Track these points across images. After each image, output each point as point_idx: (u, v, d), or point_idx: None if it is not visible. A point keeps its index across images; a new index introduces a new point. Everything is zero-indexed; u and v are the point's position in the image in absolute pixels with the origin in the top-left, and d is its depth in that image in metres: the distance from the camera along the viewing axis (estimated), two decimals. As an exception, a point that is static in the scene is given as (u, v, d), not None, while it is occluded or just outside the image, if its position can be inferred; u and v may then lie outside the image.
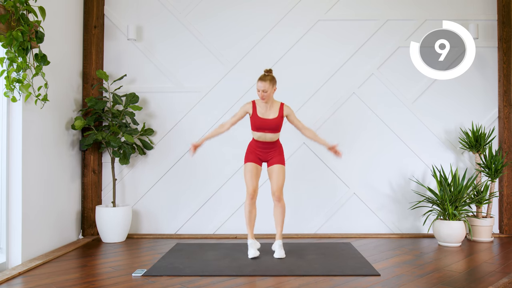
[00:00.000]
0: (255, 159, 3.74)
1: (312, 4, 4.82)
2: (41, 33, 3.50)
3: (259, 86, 3.60)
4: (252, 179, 3.69)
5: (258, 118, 3.66)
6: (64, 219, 4.22)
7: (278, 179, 3.69)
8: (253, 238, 3.72)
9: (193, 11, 4.82)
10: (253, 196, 3.68)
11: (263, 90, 3.58)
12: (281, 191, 3.69)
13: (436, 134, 4.77)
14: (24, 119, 3.50)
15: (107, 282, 2.99)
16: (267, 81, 3.59)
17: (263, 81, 3.59)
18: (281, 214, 3.71)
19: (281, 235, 3.74)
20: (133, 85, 4.78)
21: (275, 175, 3.71)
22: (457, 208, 4.21)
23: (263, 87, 3.58)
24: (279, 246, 3.68)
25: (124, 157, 4.45)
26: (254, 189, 3.68)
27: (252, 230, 3.73)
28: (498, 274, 3.13)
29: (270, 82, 3.60)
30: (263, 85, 3.58)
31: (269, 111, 3.68)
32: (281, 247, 3.68)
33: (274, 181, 3.70)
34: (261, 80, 3.60)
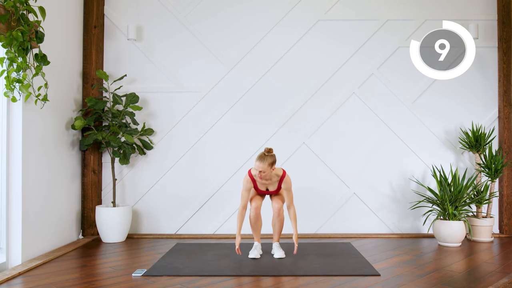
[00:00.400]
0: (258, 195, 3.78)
1: (312, 4, 4.82)
2: (41, 33, 3.50)
3: (257, 166, 3.45)
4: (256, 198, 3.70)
5: (259, 190, 3.68)
6: (64, 219, 4.22)
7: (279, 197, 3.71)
8: (259, 242, 3.73)
9: (193, 11, 4.82)
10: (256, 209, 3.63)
11: (260, 171, 3.44)
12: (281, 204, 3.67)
13: (436, 134, 4.77)
14: (24, 119, 3.50)
15: (107, 282, 2.99)
16: (266, 163, 3.42)
17: (261, 162, 3.42)
18: (280, 226, 3.70)
19: (279, 239, 3.74)
20: (133, 85, 4.77)
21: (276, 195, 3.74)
22: (457, 208, 4.21)
23: (261, 168, 3.43)
24: (278, 247, 3.69)
25: (124, 157, 4.45)
26: (257, 205, 3.65)
27: (258, 235, 3.72)
28: (498, 274, 3.13)
29: (269, 165, 3.43)
30: (261, 167, 3.43)
31: (268, 184, 3.64)
32: (279, 248, 3.69)
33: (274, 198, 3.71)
34: (260, 161, 3.43)
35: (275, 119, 4.77)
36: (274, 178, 3.60)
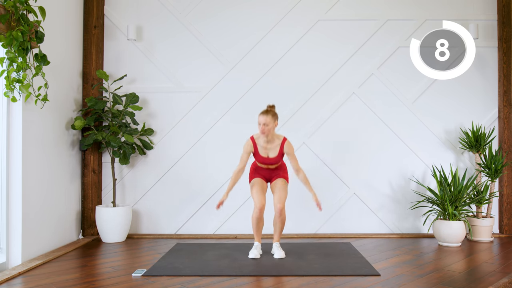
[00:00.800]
0: (260, 176, 3.78)
1: (312, 4, 4.82)
2: (41, 33, 3.50)
3: (260, 120, 3.54)
4: (259, 195, 3.66)
5: (260, 156, 3.68)
6: (64, 219, 4.22)
7: (281, 193, 3.67)
8: (259, 242, 3.73)
9: (193, 11, 4.82)
10: (261, 210, 3.63)
11: (264, 124, 3.53)
12: (283, 204, 3.65)
13: (436, 134, 4.77)
14: (24, 119, 3.50)
15: (107, 282, 2.99)
16: (269, 115, 3.55)
17: (264, 114, 3.55)
18: (281, 226, 3.70)
19: (279, 239, 3.74)
20: (133, 85, 4.78)
21: (277, 189, 3.70)
22: (457, 208, 4.21)
23: (264, 120, 3.53)
24: (277, 247, 3.69)
25: (124, 157, 4.45)
26: (262, 204, 3.64)
27: (259, 235, 3.72)
28: (498, 274, 3.13)
29: (272, 116, 3.56)
30: (264, 119, 3.53)
31: (269, 149, 3.66)
32: (279, 248, 3.68)
33: (276, 195, 3.68)
34: (263, 113, 3.56)
35: (275, 119, 4.77)
36: (276, 142, 3.65)
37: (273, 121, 3.57)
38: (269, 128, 3.55)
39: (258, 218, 3.63)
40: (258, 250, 3.68)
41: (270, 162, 3.70)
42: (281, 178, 3.75)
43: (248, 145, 3.68)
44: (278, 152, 3.65)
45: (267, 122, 3.53)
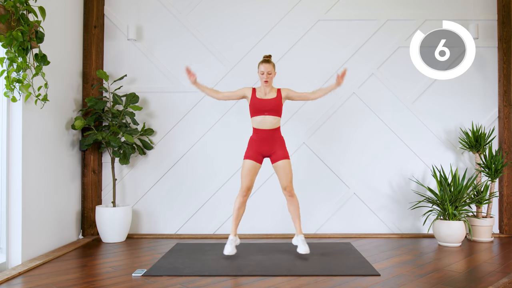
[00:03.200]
0: (256, 155, 3.66)
1: (312, 4, 4.82)
2: (41, 33, 3.50)
3: (263, 68, 3.62)
4: (248, 177, 3.63)
5: (257, 99, 3.64)
6: (64, 219, 4.22)
7: (287, 174, 3.64)
8: (235, 235, 3.67)
9: (193, 11, 4.82)
10: (246, 194, 3.64)
11: (268, 72, 3.61)
12: (291, 185, 3.64)
13: (436, 134, 4.77)
14: (24, 119, 3.50)
15: (107, 282, 2.99)
16: (271, 63, 3.65)
17: (267, 63, 3.63)
18: (296, 209, 3.68)
19: (301, 230, 3.70)
20: (133, 85, 4.78)
21: (282, 170, 3.64)
22: (457, 208, 4.21)
23: (267, 68, 3.61)
24: (302, 241, 3.62)
25: (124, 157, 4.45)
26: (248, 187, 3.63)
27: (236, 226, 3.68)
28: (498, 274, 3.13)
29: (273, 67, 3.68)
30: (267, 67, 3.62)
31: (268, 94, 3.69)
32: (304, 242, 3.61)
33: (283, 177, 3.65)
34: (265, 62, 3.64)
35: (275, 119, 4.77)
36: (273, 90, 3.71)
37: (274, 69, 3.68)
38: (271, 76, 3.64)
39: (241, 202, 3.62)
40: (233, 246, 3.59)
41: (268, 106, 3.62)
42: (283, 160, 3.65)
43: (246, 88, 3.74)
44: (276, 95, 3.68)
45: (269, 70, 3.62)
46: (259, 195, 4.71)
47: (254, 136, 3.72)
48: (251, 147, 3.70)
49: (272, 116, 3.64)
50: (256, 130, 3.69)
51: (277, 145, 3.68)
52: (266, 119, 3.63)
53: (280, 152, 3.67)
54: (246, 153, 3.71)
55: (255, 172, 3.68)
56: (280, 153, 3.67)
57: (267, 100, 3.63)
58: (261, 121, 3.64)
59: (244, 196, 3.64)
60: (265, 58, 3.70)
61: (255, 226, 4.71)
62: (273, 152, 3.68)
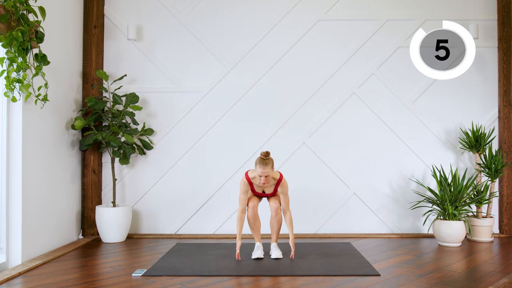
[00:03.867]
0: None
1: (312, 4, 4.82)
2: (41, 33, 3.50)
3: (260, 172, 3.40)
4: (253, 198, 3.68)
5: (255, 192, 3.68)
6: (64, 219, 4.22)
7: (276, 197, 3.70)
8: (260, 242, 3.70)
9: (193, 11, 4.82)
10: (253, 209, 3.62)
11: (266, 176, 3.42)
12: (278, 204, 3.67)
13: (436, 134, 4.77)
14: (24, 119, 3.50)
15: (107, 282, 2.99)
16: (268, 165, 3.40)
17: (264, 165, 3.38)
18: (278, 226, 3.68)
19: (277, 239, 3.74)
20: (133, 85, 4.78)
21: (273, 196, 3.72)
22: (457, 208, 4.21)
23: (266, 173, 3.40)
24: (275, 247, 3.68)
25: (124, 157, 4.45)
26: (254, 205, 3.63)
27: (258, 235, 3.70)
28: (498, 274, 3.13)
29: (272, 168, 3.44)
30: (265, 171, 3.39)
31: (265, 187, 3.64)
32: (277, 248, 3.68)
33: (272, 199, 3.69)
34: (262, 164, 3.39)
35: (275, 119, 4.77)
36: (271, 182, 3.59)
37: (272, 170, 3.45)
38: (269, 178, 3.46)
39: (253, 216, 3.63)
40: (261, 250, 3.66)
41: (266, 196, 3.73)
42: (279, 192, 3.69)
43: (244, 185, 3.58)
44: (273, 190, 3.65)
45: (268, 174, 3.42)
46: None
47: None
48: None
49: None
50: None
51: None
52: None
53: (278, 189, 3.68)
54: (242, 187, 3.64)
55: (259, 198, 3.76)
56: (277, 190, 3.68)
57: (265, 194, 3.70)
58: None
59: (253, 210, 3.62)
60: (263, 157, 3.40)
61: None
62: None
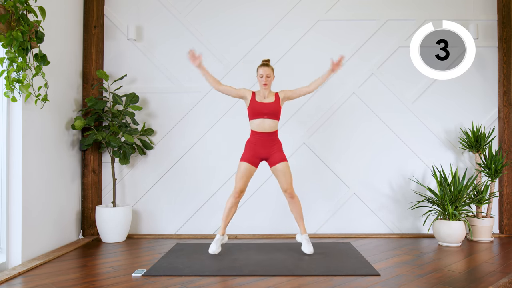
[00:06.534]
0: (253, 158, 3.68)
1: (312, 4, 4.82)
2: (41, 33, 3.50)
3: (262, 71, 3.67)
4: (242, 180, 3.66)
5: (257, 102, 3.67)
6: (64, 219, 4.22)
7: (286, 177, 3.67)
8: (223, 234, 3.72)
9: (193, 11, 4.82)
10: (239, 196, 3.67)
11: (267, 75, 3.66)
12: (292, 187, 3.67)
13: (436, 134, 4.77)
14: (24, 119, 3.50)
15: (107, 282, 2.99)
16: (269, 66, 3.71)
17: (266, 66, 3.69)
18: (298, 210, 3.72)
19: (305, 229, 3.76)
20: (133, 85, 4.78)
21: (281, 173, 3.67)
22: (457, 208, 4.21)
23: (267, 71, 3.66)
24: (307, 240, 3.67)
25: (124, 157, 4.45)
26: (241, 190, 3.67)
27: (226, 226, 3.72)
28: (498, 274, 3.13)
29: (272, 68, 3.73)
30: (266, 70, 3.67)
31: (267, 98, 3.72)
32: (309, 242, 3.66)
33: (282, 180, 3.67)
34: (264, 66, 3.70)
35: (275, 119, 4.77)
36: (271, 93, 3.74)
37: (273, 73, 3.73)
38: (270, 79, 3.69)
39: (232, 202, 3.66)
40: (218, 245, 3.64)
41: (267, 109, 3.65)
42: (281, 162, 3.67)
43: (246, 90, 3.76)
44: (275, 99, 3.70)
45: (269, 73, 3.68)
46: (259, 195, 4.72)
47: (252, 139, 3.74)
48: (248, 150, 3.73)
49: (271, 120, 3.67)
50: (254, 133, 3.71)
51: (274, 148, 3.71)
52: (265, 122, 3.66)
53: (277, 154, 3.70)
54: (243, 155, 3.73)
55: (250, 175, 3.70)
56: (278, 156, 3.69)
57: (266, 104, 3.67)
58: (260, 124, 3.67)
59: (237, 198, 3.68)
60: (264, 62, 3.75)
61: (254, 226, 4.71)
62: (270, 155, 3.71)
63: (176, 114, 4.78)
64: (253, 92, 3.74)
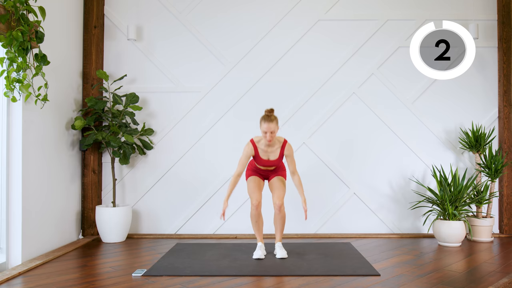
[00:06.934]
0: (257, 175, 3.77)
1: (312, 4, 4.82)
2: (41, 33, 3.50)
3: (266, 128, 3.42)
4: (255, 192, 3.65)
5: (260, 159, 3.65)
6: (64, 219, 4.22)
7: (279, 191, 3.67)
8: (262, 242, 3.72)
9: (193, 11, 4.82)
10: (257, 208, 3.63)
11: (271, 132, 3.44)
12: (282, 201, 3.65)
13: (436, 134, 4.77)
14: (24, 119, 3.50)
15: (107, 282, 2.99)
16: (273, 121, 3.45)
17: (269, 122, 3.43)
18: (282, 223, 3.70)
19: (281, 239, 3.75)
20: (133, 85, 4.78)
21: (276, 186, 3.70)
22: (457, 208, 4.21)
23: (270, 128, 3.42)
24: (280, 247, 3.68)
25: (124, 157, 4.45)
26: (258, 201, 3.63)
27: (261, 234, 3.72)
28: (498, 274, 3.13)
29: (276, 123, 3.48)
30: (271, 127, 3.42)
31: (270, 152, 3.63)
32: (281, 248, 3.69)
33: (275, 192, 3.68)
34: (267, 121, 3.43)
35: (275, 119, 4.77)
36: (276, 145, 3.62)
37: (277, 127, 3.50)
38: (274, 134, 3.49)
39: (256, 215, 3.64)
40: (262, 251, 3.66)
41: (270, 164, 3.69)
42: (279, 176, 3.74)
43: (248, 149, 3.60)
44: (279, 155, 3.64)
45: (273, 130, 3.44)
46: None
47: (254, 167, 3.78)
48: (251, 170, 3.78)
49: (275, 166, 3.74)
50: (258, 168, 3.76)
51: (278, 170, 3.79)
52: (269, 168, 3.75)
53: (279, 172, 3.77)
54: (247, 173, 3.79)
55: (261, 186, 3.74)
56: (279, 172, 3.77)
57: (270, 161, 3.66)
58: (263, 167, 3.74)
59: (257, 209, 3.65)
60: (267, 114, 3.48)
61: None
62: (272, 174, 3.79)
63: (176, 114, 4.78)
64: (254, 145, 3.60)
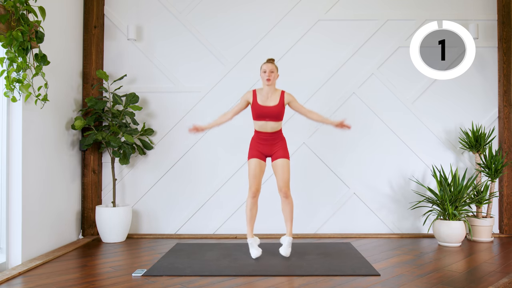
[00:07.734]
0: (259, 154, 3.69)
1: (312, 4, 4.82)
2: (41, 33, 3.50)
3: (265, 67, 3.64)
4: (255, 178, 3.64)
5: (259, 105, 3.64)
6: (64, 219, 4.22)
7: (284, 174, 3.64)
8: (252, 237, 3.70)
9: (193, 11, 4.82)
10: (255, 195, 3.65)
11: (270, 70, 3.62)
12: (288, 186, 3.64)
13: (436, 134, 4.77)
14: (24, 119, 3.50)
15: (107, 282, 2.99)
16: (273, 63, 3.69)
17: (270, 63, 3.67)
18: (290, 211, 3.69)
19: (291, 232, 3.72)
20: (133, 85, 4.78)
21: (280, 170, 3.65)
22: (457, 208, 4.21)
23: (270, 67, 3.63)
24: (288, 244, 3.64)
25: (124, 157, 4.45)
26: (256, 189, 3.65)
27: (252, 228, 3.70)
28: (498, 274, 3.13)
29: (276, 67, 3.69)
30: (270, 66, 3.64)
31: (270, 99, 3.66)
32: (289, 245, 3.64)
33: (279, 177, 3.65)
34: (267, 62, 3.68)
35: (275, 119, 4.76)
36: (276, 93, 3.68)
37: (277, 70, 3.68)
38: (274, 74, 3.64)
39: (251, 203, 3.64)
40: (257, 248, 3.63)
41: (269, 112, 3.62)
42: (282, 159, 3.67)
43: (248, 93, 3.72)
44: (278, 101, 3.65)
45: (272, 69, 3.63)
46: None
47: (255, 137, 3.75)
48: (253, 147, 3.74)
49: (274, 122, 3.66)
50: (258, 132, 3.72)
51: (278, 145, 3.71)
52: (268, 124, 3.66)
53: (281, 152, 3.70)
54: (249, 153, 3.74)
55: (262, 170, 3.70)
56: (281, 152, 3.70)
57: (269, 108, 3.63)
58: (262, 126, 3.68)
59: (254, 197, 3.66)
60: (269, 60, 3.73)
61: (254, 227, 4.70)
62: (274, 152, 3.71)
63: (176, 114, 4.78)
64: (254, 92, 3.70)
